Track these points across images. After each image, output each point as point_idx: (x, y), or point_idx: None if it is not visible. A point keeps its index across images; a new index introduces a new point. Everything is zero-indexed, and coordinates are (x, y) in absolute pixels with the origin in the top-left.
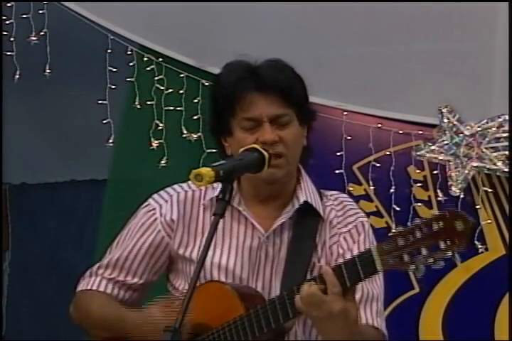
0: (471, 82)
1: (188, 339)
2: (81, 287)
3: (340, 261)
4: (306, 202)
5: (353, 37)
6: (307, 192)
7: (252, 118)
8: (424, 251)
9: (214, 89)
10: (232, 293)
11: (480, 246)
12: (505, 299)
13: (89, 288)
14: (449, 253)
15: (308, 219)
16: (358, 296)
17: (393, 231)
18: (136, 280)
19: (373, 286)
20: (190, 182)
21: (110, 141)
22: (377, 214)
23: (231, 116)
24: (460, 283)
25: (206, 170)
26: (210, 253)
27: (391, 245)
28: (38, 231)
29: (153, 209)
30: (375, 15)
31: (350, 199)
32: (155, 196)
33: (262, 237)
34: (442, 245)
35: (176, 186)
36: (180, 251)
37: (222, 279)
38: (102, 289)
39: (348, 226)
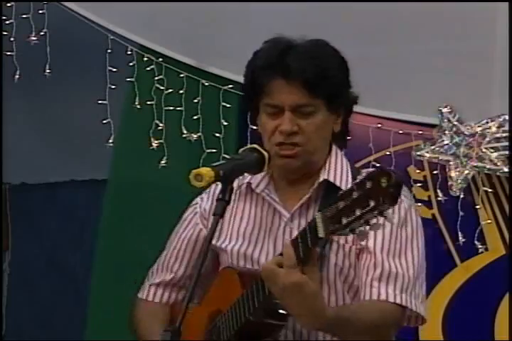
0: (471, 82)
1: (207, 328)
2: (140, 293)
3: (370, 240)
4: (327, 181)
5: (353, 37)
6: (331, 170)
7: (274, 105)
8: (357, 212)
9: (246, 71)
10: (237, 278)
11: (480, 246)
12: (505, 299)
13: (143, 297)
14: (376, 213)
15: (332, 196)
16: (377, 272)
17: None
18: (179, 275)
19: (398, 264)
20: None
21: (110, 141)
22: None
23: (259, 101)
24: (460, 283)
25: (206, 170)
26: (237, 243)
27: (332, 209)
28: (38, 231)
29: (196, 203)
30: (375, 15)
31: None
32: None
33: (284, 220)
34: (372, 204)
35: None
36: (215, 242)
37: (248, 264)
38: (150, 299)
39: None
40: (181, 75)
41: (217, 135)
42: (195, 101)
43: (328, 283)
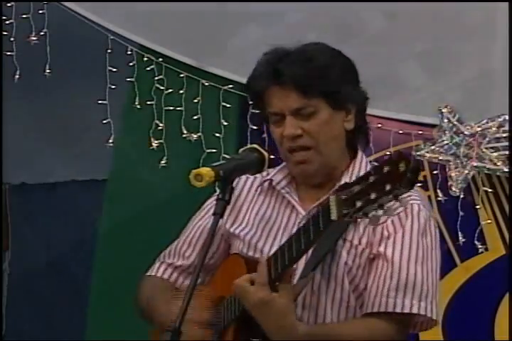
0: (471, 82)
1: (211, 313)
2: (149, 271)
3: (383, 243)
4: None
5: (353, 37)
6: (354, 175)
7: (275, 113)
8: (372, 195)
9: (246, 85)
10: (244, 266)
11: (480, 246)
12: (505, 299)
13: (151, 273)
14: (391, 197)
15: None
16: (394, 282)
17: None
18: (190, 262)
19: (418, 271)
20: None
21: (110, 141)
22: None
23: (263, 108)
24: (460, 283)
25: (206, 170)
26: (250, 232)
27: (347, 193)
28: (38, 231)
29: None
30: (375, 15)
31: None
32: None
33: (300, 216)
34: (387, 188)
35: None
36: (230, 227)
37: (257, 253)
38: (159, 275)
39: (398, 209)
40: (181, 75)
41: (217, 135)
42: (195, 101)
43: (336, 280)
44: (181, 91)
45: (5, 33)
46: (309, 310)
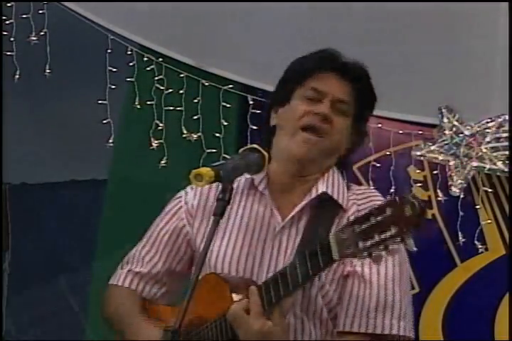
0: (471, 82)
1: (184, 331)
2: (112, 280)
3: (358, 262)
4: (326, 194)
5: (353, 37)
6: (329, 184)
7: (319, 90)
8: (376, 237)
9: (293, 63)
10: (225, 284)
11: (480, 246)
12: (505, 299)
13: (117, 283)
14: (399, 240)
15: (326, 210)
16: (373, 302)
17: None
18: (158, 269)
19: (396, 291)
20: None
21: (110, 141)
22: None
23: (298, 85)
24: (460, 283)
25: (206, 170)
26: (224, 242)
27: (347, 232)
28: (38, 231)
29: (180, 196)
30: (375, 15)
31: (378, 194)
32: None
33: (277, 226)
34: (393, 231)
35: None
36: (197, 242)
37: (232, 267)
38: (126, 285)
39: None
40: (181, 75)
41: (217, 135)
42: (195, 101)
43: (310, 295)
44: (181, 91)
45: (5, 33)
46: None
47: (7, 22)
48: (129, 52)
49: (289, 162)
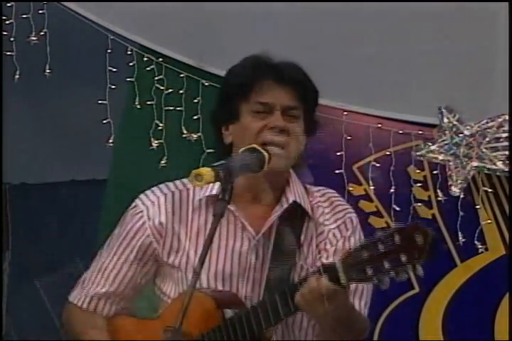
0: (471, 82)
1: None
2: (72, 298)
3: (330, 258)
4: (295, 202)
5: (353, 37)
6: (296, 191)
7: (265, 103)
8: (386, 265)
9: (227, 77)
10: (209, 300)
11: (480, 246)
12: (505, 299)
13: (78, 303)
14: (410, 267)
15: (294, 218)
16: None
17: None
18: (123, 286)
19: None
20: (177, 181)
21: (110, 141)
22: (377, 214)
23: (243, 100)
24: (460, 283)
25: (206, 170)
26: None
27: (355, 258)
28: (38, 231)
29: (141, 211)
30: (375, 15)
31: (338, 195)
32: (142, 197)
33: (252, 240)
34: (403, 258)
35: (162, 186)
36: (168, 258)
37: (211, 283)
38: (91, 309)
39: (337, 222)
40: (181, 75)
41: None
42: (195, 101)
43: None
44: (181, 92)
45: (5, 33)
46: None
47: (7, 22)
48: (129, 52)
49: (256, 176)
